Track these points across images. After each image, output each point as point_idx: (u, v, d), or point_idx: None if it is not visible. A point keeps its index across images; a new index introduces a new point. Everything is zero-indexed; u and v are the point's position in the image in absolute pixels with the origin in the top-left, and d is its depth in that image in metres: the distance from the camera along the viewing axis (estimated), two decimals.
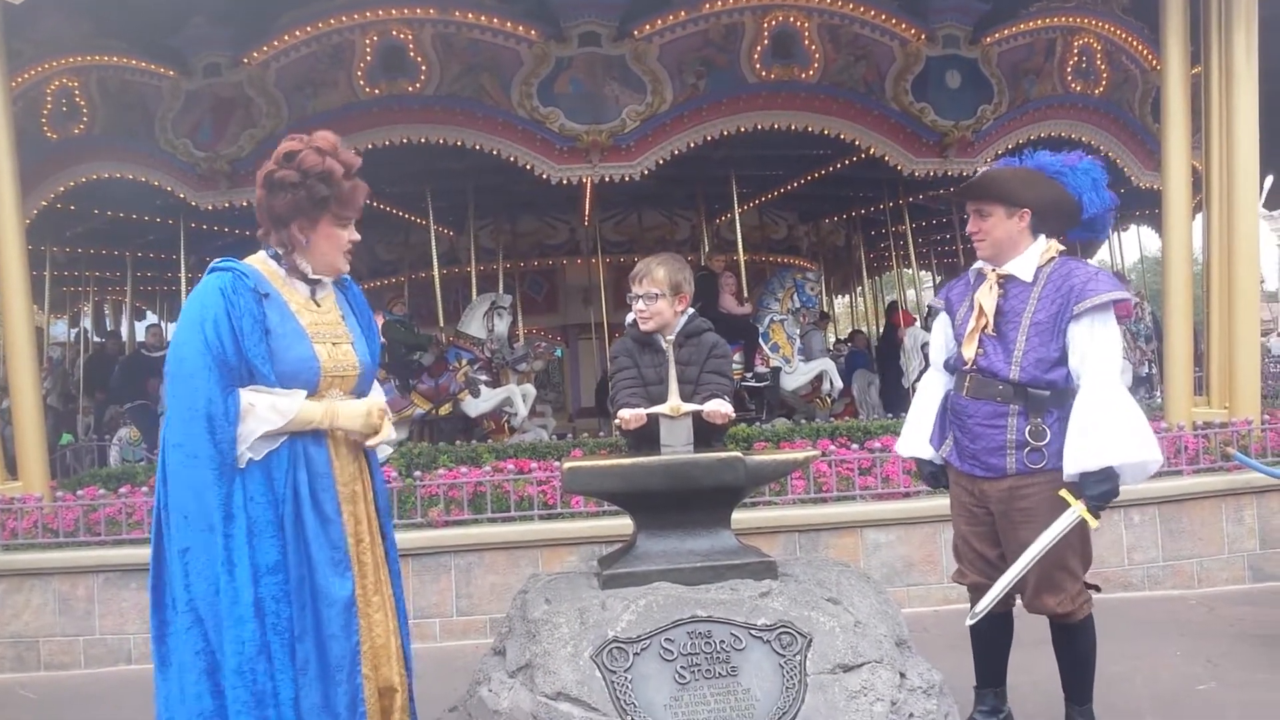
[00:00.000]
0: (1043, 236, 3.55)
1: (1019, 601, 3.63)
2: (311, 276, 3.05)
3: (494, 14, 7.98)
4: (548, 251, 13.49)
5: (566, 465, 3.23)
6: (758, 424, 8.89)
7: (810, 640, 2.88)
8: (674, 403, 3.23)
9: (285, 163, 2.92)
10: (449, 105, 8.29)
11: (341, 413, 2.93)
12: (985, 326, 3.50)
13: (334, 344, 3.02)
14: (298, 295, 3.03)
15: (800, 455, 3.79)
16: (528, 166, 8.41)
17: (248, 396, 2.81)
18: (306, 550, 2.88)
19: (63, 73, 8.74)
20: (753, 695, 2.79)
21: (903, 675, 2.95)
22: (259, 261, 3.01)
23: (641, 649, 2.84)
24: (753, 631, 2.88)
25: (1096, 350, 3.35)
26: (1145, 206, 13.27)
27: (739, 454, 3.20)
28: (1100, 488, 3.29)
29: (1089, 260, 17.40)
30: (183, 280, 11.47)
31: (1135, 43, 9.51)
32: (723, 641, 2.86)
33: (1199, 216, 8.13)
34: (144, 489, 6.81)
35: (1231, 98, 7.17)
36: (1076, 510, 3.28)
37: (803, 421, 8.64)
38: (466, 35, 8.11)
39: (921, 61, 8.54)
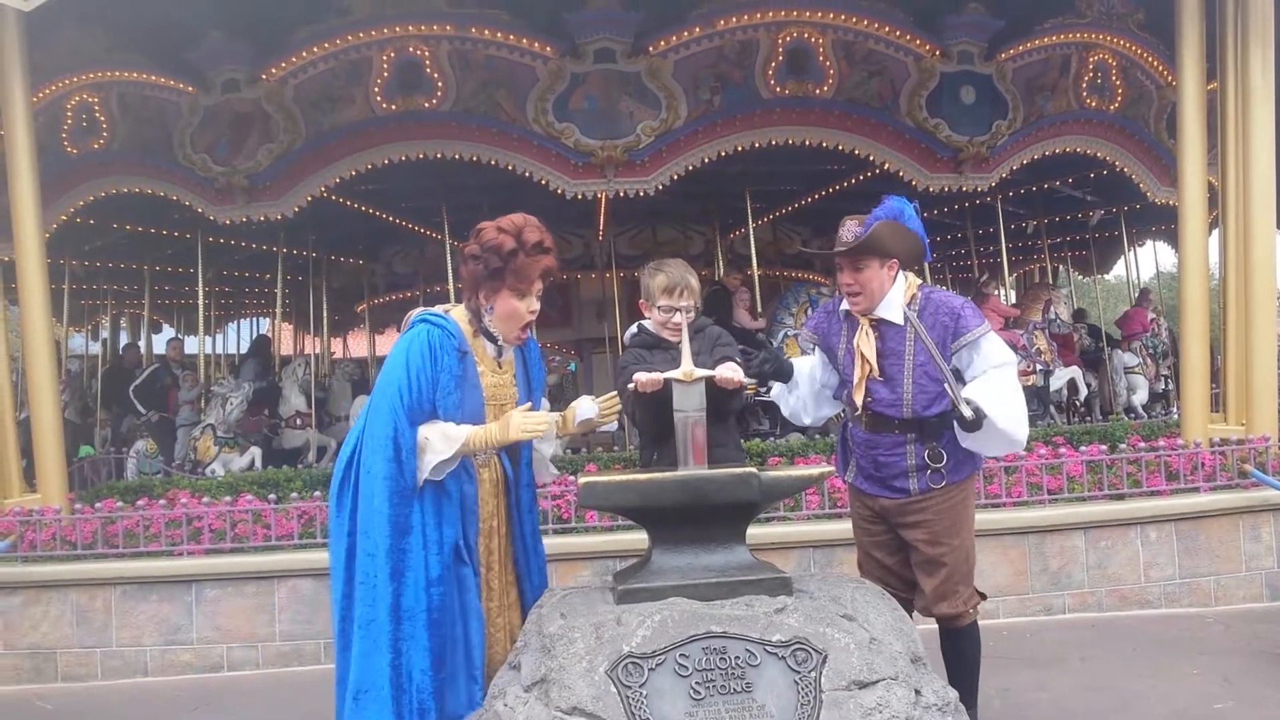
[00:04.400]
0: (901, 275, 3.79)
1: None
2: (497, 340, 3.42)
3: (510, 31, 8.04)
4: (562, 266, 13.45)
5: (583, 480, 3.23)
6: (771, 439, 8.88)
7: (825, 657, 2.87)
8: (686, 368, 3.34)
9: (474, 238, 3.35)
10: (465, 121, 8.35)
11: (496, 430, 3.29)
12: (871, 373, 3.74)
13: (499, 407, 3.41)
14: (486, 354, 3.45)
15: (815, 471, 3.78)
16: (543, 181, 8.46)
17: (424, 431, 3.20)
18: (459, 572, 3.30)
19: (83, 88, 8.85)
20: (767, 711, 2.78)
21: (918, 692, 2.94)
22: (459, 315, 3.42)
23: (657, 664, 2.83)
24: (768, 648, 2.87)
25: (989, 360, 3.65)
26: (1161, 222, 13.25)
27: (754, 470, 3.21)
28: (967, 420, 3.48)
29: (1102, 274, 17.43)
30: (200, 293, 11.56)
31: (1150, 59, 9.51)
32: (738, 657, 2.85)
33: (1215, 232, 8.11)
34: (161, 502, 6.86)
35: (1248, 113, 7.17)
36: None
37: (816, 436, 8.62)
38: (483, 52, 8.17)
39: (936, 77, 8.57)
